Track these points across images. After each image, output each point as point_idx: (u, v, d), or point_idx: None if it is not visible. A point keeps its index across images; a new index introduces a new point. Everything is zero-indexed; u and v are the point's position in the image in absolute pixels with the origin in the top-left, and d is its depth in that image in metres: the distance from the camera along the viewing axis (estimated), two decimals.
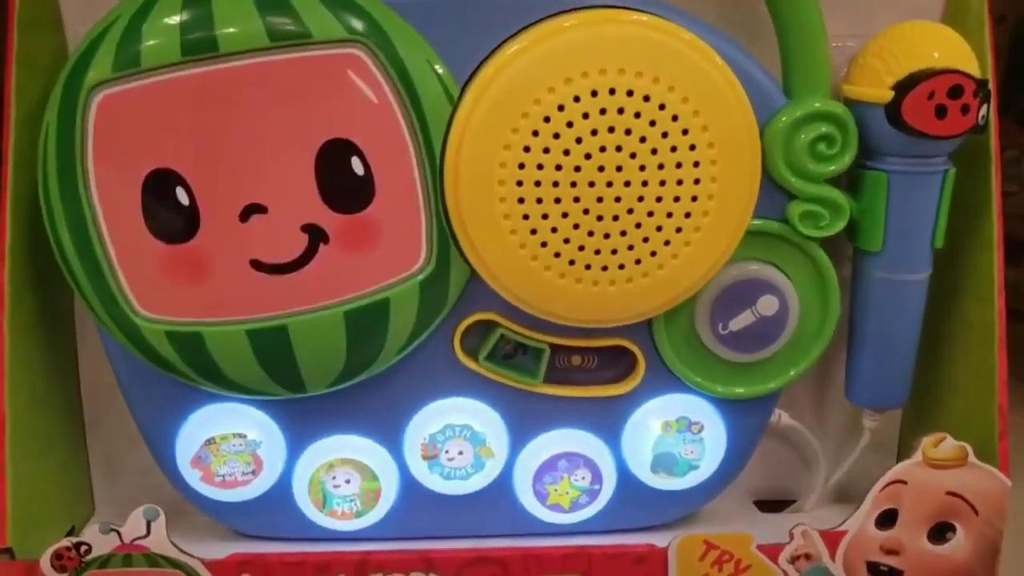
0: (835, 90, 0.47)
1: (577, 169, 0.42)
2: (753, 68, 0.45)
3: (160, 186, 0.42)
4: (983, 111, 0.45)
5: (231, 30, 0.41)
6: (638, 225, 0.43)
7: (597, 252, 0.43)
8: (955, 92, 0.44)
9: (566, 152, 0.41)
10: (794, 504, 0.56)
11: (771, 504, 0.56)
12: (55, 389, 0.51)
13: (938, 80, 0.44)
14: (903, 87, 0.44)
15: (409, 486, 0.50)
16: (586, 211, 0.42)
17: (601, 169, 0.42)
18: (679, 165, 0.42)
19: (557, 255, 0.43)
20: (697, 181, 0.42)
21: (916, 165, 0.46)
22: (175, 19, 0.41)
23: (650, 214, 0.43)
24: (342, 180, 0.43)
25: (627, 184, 0.42)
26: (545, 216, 0.42)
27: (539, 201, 0.42)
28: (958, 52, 0.45)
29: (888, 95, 0.44)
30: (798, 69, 0.46)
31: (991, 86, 0.46)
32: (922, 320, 0.49)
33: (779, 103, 0.45)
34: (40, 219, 0.44)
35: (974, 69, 0.45)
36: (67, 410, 0.52)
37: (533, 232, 0.43)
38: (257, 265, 0.43)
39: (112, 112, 0.42)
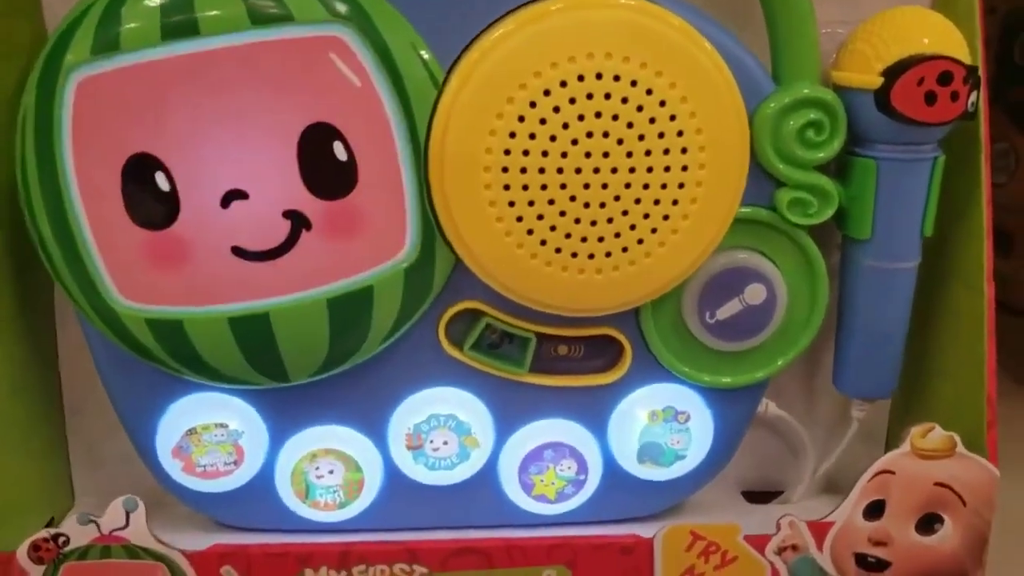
0: (824, 77, 0.46)
1: (564, 155, 0.41)
2: (742, 54, 0.44)
3: (140, 171, 0.42)
4: (973, 98, 0.45)
5: (212, 13, 0.40)
6: (625, 212, 0.42)
7: (584, 240, 0.43)
8: (945, 78, 0.44)
9: (552, 138, 0.41)
10: (781, 495, 0.55)
11: (758, 495, 0.56)
12: (35, 378, 0.50)
13: (928, 66, 0.44)
14: (892, 73, 0.44)
15: (393, 476, 0.49)
16: (573, 198, 0.42)
17: (588, 155, 0.41)
18: (667, 152, 0.42)
19: (543, 243, 0.43)
20: (685, 168, 0.42)
21: (905, 152, 0.46)
22: (155, 1, 0.40)
23: (637, 201, 0.42)
24: (325, 165, 0.42)
25: (614, 171, 0.42)
26: (531, 203, 0.42)
27: (525, 188, 0.42)
28: (948, 38, 0.45)
29: (877, 81, 0.44)
30: (787, 55, 0.45)
31: (981, 74, 0.46)
32: (911, 309, 0.49)
33: (768, 89, 0.45)
34: (18, 206, 0.43)
35: (964, 56, 0.45)
36: (47, 399, 0.52)
37: (519, 219, 0.42)
38: (239, 252, 0.43)
39: (91, 96, 0.41)
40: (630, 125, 0.41)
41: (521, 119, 0.41)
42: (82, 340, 0.48)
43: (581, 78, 0.40)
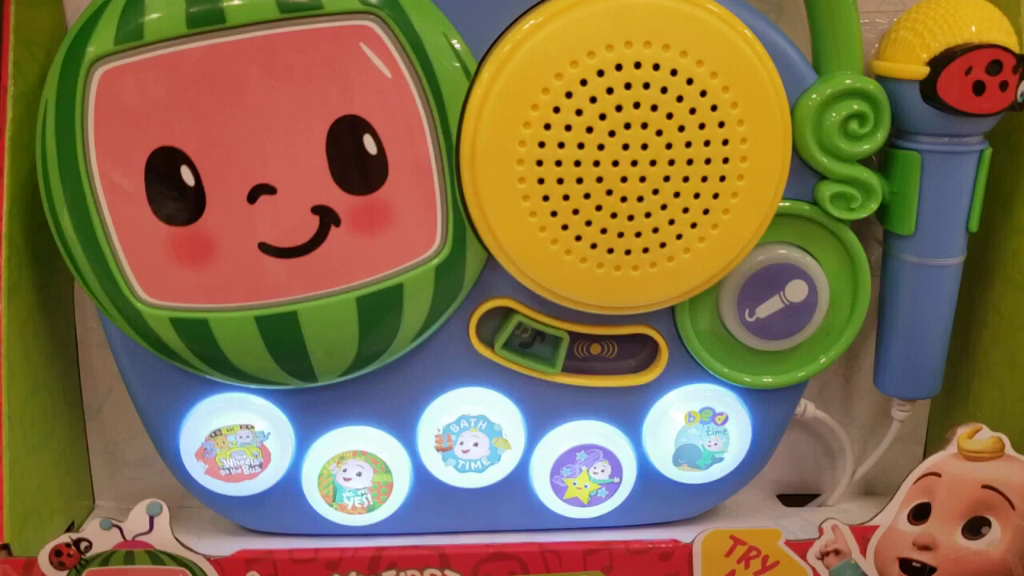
0: (865, 67, 0.45)
1: (600, 147, 0.40)
2: (782, 42, 0.43)
3: (164, 165, 0.41)
4: (1022, 87, 0.43)
5: (239, 2, 0.39)
6: (664, 206, 0.41)
7: (620, 235, 0.41)
8: (994, 68, 0.42)
9: (589, 130, 0.40)
10: (818, 498, 0.54)
11: (794, 498, 0.55)
12: (53, 378, 0.49)
13: (976, 55, 0.42)
14: (939, 62, 0.43)
15: (422, 479, 0.48)
16: (609, 192, 0.41)
17: (625, 147, 0.40)
18: (707, 143, 0.40)
19: (578, 238, 0.41)
20: (726, 160, 0.41)
21: (951, 144, 0.44)
22: None
23: (676, 195, 0.41)
24: (354, 159, 0.41)
25: (653, 163, 0.40)
26: (566, 197, 0.41)
27: (560, 181, 0.40)
28: (996, 26, 0.43)
29: (923, 71, 0.43)
30: (828, 44, 0.44)
31: None
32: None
33: (809, 80, 0.44)
34: (39, 201, 0.42)
35: (1013, 44, 0.43)
36: (66, 400, 0.51)
37: (553, 214, 0.41)
38: (266, 248, 0.42)
39: (114, 88, 0.40)
40: (670, 116, 0.40)
41: (556, 110, 0.39)
42: (103, 339, 0.47)
43: (619, 67, 0.39)
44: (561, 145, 0.40)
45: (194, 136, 0.40)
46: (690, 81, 0.40)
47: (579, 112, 0.39)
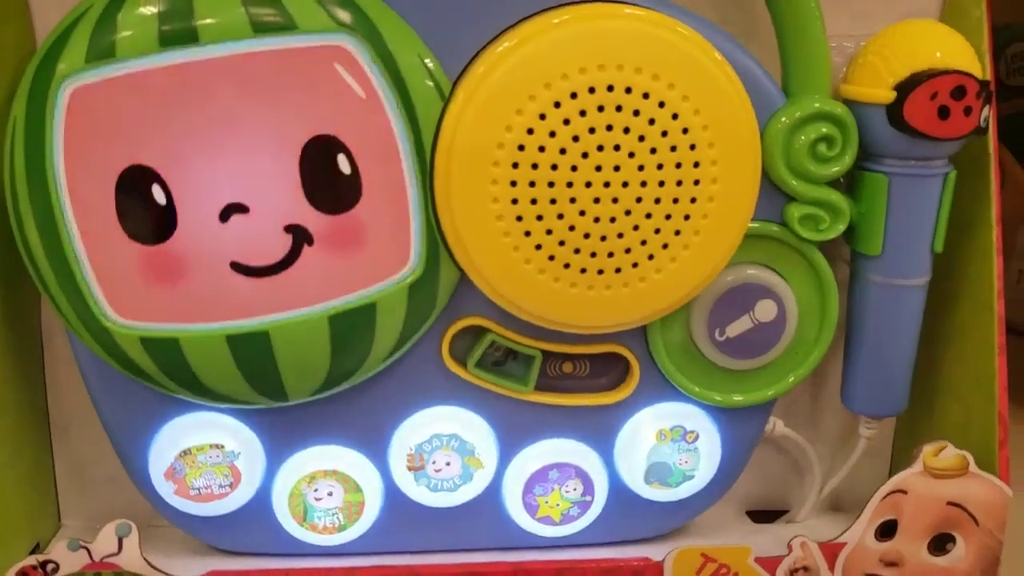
0: (832, 90, 0.46)
1: (573, 169, 0.40)
2: (752, 66, 0.44)
3: (135, 184, 0.40)
4: (985, 112, 0.44)
5: (212, 20, 0.39)
6: (636, 227, 0.41)
7: (593, 255, 0.42)
8: (958, 93, 0.43)
9: (562, 151, 0.40)
10: (787, 514, 0.54)
11: (761, 514, 0.55)
12: (19, 396, 0.48)
13: (941, 80, 0.43)
14: (905, 87, 0.43)
15: (394, 498, 0.48)
16: (582, 212, 0.41)
17: (599, 169, 0.40)
18: (679, 165, 0.41)
19: (552, 258, 0.41)
20: (697, 182, 0.41)
21: (917, 167, 0.45)
22: (153, 8, 0.39)
23: (648, 216, 0.41)
24: (328, 179, 0.41)
25: (625, 185, 0.41)
26: (540, 217, 0.41)
27: (533, 201, 0.40)
28: (960, 52, 0.44)
29: (890, 95, 0.43)
30: (797, 68, 0.45)
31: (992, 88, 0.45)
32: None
33: (778, 102, 0.44)
34: (6, 218, 0.42)
35: (976, 70, 0.44)
36: (32, 418, 0.50)
37: (527, 234, 0.41)
38: (238, 267, 0.41)
39: (84, 106, 0.40)
40: (642, 138, 0.40)
41: (530, 131, 0.40)
42: (70, 356, 0.46)
43: (592, 90, 0.39)
44: (534, 166, 0.40)
45: (166, 154, 0.40)
46: (662, 104, 0.40)
47: (552, 134, 0.40)
